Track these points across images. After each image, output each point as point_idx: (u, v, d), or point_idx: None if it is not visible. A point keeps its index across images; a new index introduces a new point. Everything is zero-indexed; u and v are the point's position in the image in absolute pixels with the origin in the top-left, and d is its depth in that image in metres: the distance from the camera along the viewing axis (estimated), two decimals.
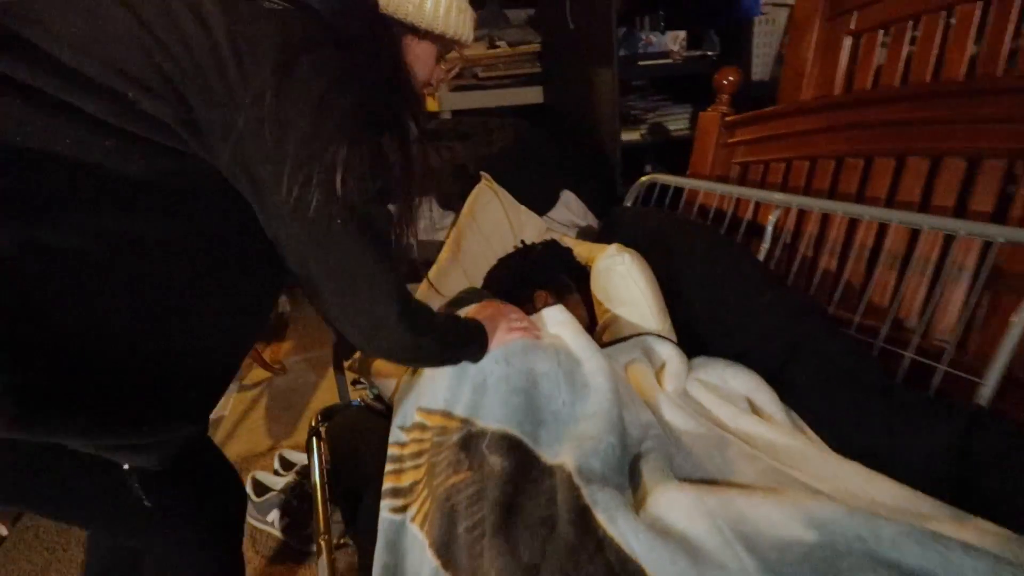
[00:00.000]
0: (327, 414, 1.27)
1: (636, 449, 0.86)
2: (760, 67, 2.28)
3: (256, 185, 0.61)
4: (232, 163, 0.60)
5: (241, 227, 0.65)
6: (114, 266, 0.58)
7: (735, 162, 1.41)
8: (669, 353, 1.04)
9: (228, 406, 1.95)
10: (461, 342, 0.85)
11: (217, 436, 1.77)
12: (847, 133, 1.15)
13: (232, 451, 1.69)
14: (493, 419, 0.86)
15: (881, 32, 1.18)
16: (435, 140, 1.77)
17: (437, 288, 1.31)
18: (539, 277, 1.25)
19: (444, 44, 0.80)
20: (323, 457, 1.14)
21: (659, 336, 1.08)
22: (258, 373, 2.14)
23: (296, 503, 1.36)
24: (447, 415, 0.90)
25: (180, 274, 0.62)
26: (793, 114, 1.21)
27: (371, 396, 1.28)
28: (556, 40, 2.08)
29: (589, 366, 0.93)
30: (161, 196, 0.60)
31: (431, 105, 2.13)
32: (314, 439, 1.19)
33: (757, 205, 1.30)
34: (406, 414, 0.95)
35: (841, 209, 1.06)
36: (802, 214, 1.22)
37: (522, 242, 1.36)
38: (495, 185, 1.45)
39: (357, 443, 1.12)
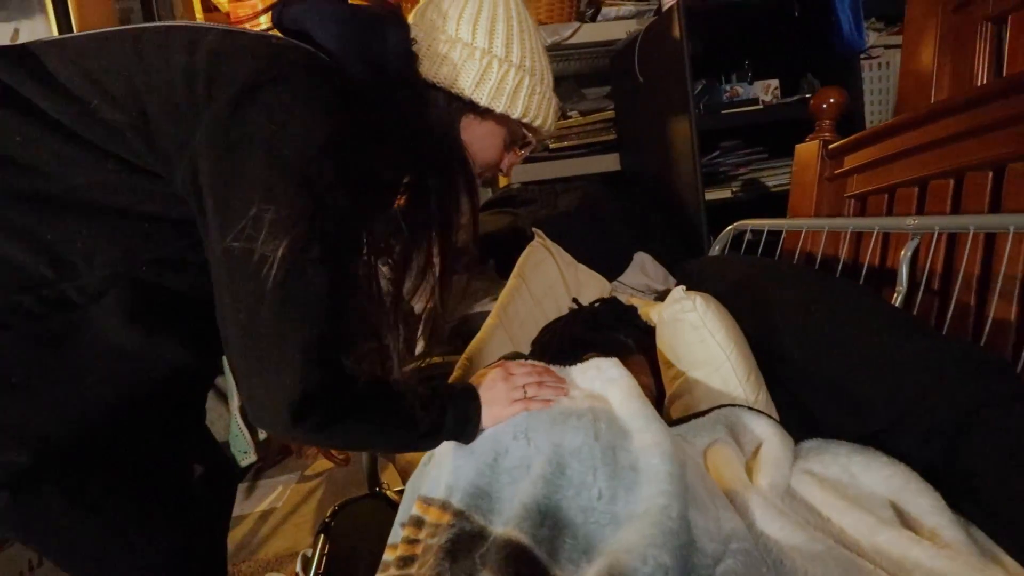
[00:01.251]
0: (344, 506, 1.06)
1: (708, 571, 0.55)
2: (876, 114, 1.98)
3: (202, 212, 0.56)
4: (184, 183, 0.56)
5: (175, 263, 0.59)
6: None
7: (848, 195, 1.11)
8: (765, 431, 0.73)
9: (283, 497, 1.81)
10: (426, 429, 0.66)
11: (263, 531, 1.62)
12: (1010, 130, 0.83)
13: (272, 548, 1.52)
14: (499, 517, 0.61)
15: None
16: (495, 206, 1.65)
17: (477, 362, 1.11)
18: (592, 338, 1.01)
19: (511, 127, 0.71)
20: (323, 558, 0.93)
21: (750, 409, 0.78)
22: (322, 463, 2.01)
23: None
24: (445, 506, 0.66)
25: None
26: (926, 120, 0.92)
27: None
28: (630, 103, 1.95)
29: (641, 440, 0.66)
30: (98, 211, 0.56)
31: (500, 179, 2.06)
32: (321, 536, 0.99)
33: (884, 240, 0.98)
34: (407, 506, 0.72)
35: (1014, 223, 0.73)
36: (952, 244, 0.89)
37: (575, 301, 1.14)
38: (548, 242, 1.27)
39: (356, 543, 0.89)
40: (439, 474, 0.70)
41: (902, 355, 0.70)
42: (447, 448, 0.71)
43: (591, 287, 1.23)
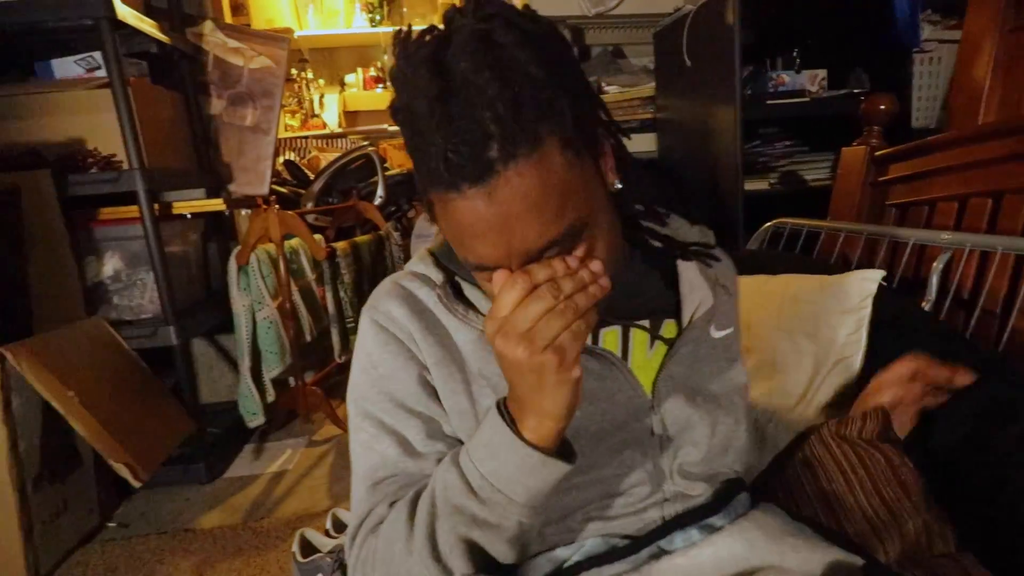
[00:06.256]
0: None
1: None
2: (923, 111, 2.11)
3: None
4: None
5: None
6: None
7: (890, 204, 1.26)
8: None
9: (294, 460, 1.97)
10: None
11: (277, 491, 1.78)
12: None
13: (289, 508, 1.68)
14: None
15: None
16: None
17: None
18: None
19: None
20: None
21: None
22: (329, 429, 2.17)
23: (342, 571, 1.29)
24: None
25: None
26: (971, 140, 1.06)
27: None
28: (673, 82, 2.07)
29: None
30: None
31: None
32: None
33: (921, 251, 1.13)
34: None
35: None
36: (984, 263, 1.04)
37: None
38: None
39: None
40: None
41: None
42: None
43: None
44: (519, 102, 0.45)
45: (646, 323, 0.64)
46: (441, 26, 0.50)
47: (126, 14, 1.66)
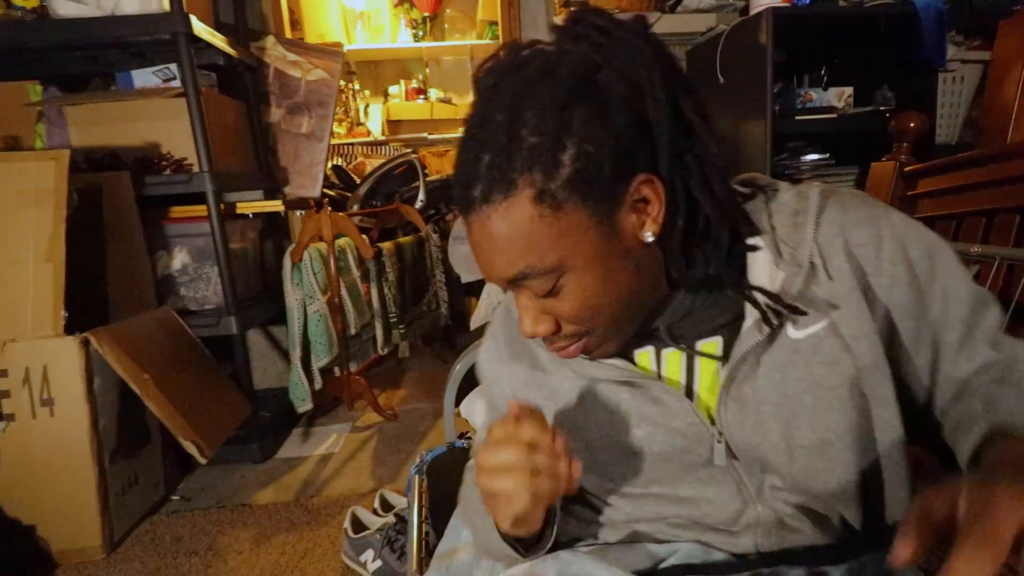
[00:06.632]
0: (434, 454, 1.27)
1: None
2: (945, 128, 2.11)
3: None
4: None
5: None
6: None
7: (918, 217, 1.28)
8: None
9: (339, 444, 2.04)
10: None
11: (324, 472, 1.86)
12: None
13: (337, 488, 1.75)
14: None
15: None
16: None
17: None
18: None
19: None
20: (423, 494, 1.13)
21: None
22: (371, 416, 2.24)
23: (391, 547, 1.35)
24: None
25: None
26: (999, 158, 1.08)
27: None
28: (705, 98, 2.09)
29: None
30: None
31: None
32: (416, 476, 1.19)
33: None
34: None
35: None
36: (1011, 277, 1.06)
37: None
38: None
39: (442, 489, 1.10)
40: None
41: None
42: None
43: None
44: (512, 150, 0.46)
45: (715, 341, 0.56)
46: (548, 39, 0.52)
47: (201, 30, 1.75)
